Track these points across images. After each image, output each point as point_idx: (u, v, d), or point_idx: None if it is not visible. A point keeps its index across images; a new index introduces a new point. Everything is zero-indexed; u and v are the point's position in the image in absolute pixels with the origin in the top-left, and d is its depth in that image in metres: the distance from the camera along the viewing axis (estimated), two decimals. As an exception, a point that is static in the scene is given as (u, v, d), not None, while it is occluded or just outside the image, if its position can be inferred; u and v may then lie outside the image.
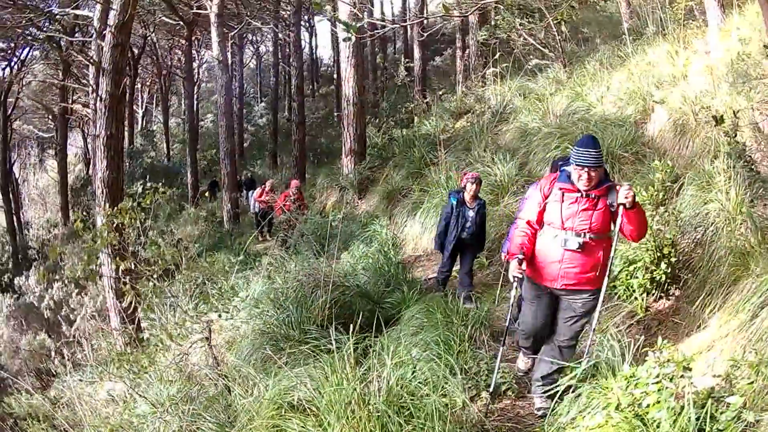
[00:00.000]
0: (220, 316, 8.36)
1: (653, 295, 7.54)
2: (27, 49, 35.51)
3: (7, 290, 24.86)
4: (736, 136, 7.99)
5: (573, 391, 5.50)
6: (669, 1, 14.13)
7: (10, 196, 36.59)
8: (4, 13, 27.93)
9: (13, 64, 35.36)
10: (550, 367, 6.37)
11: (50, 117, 44.46)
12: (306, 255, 11.67)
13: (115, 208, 8.42)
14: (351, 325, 6.26)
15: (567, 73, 16.13)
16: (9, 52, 34.83)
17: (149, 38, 43.28)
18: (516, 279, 6.10)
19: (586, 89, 14.11)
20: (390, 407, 5.33)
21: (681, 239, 7.90)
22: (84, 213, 18.63)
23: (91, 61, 20.21)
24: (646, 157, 10.41)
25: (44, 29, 30.95)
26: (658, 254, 7.42)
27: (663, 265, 7.36)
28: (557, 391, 5.64)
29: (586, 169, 5.80)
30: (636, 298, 7.47)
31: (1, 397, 14.27)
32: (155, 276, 8.13)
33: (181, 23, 35.94)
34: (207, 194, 33.63)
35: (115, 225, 8.32)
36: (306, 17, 47.56)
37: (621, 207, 5.89)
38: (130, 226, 8.22)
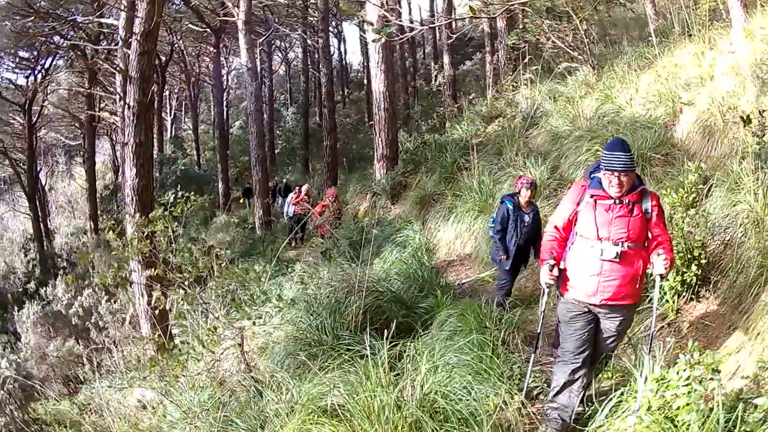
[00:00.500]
0: (254, 323, 8.40)
1: (683, 297, 7.53)
2: (51, 57, 35.76)
3: (33, 297, 25.14)
4: (764, 136, 8.00)
5: (606, 395, 5.51)
6: (694, 2, 14.14)
7: (37, 203, 36.80)
8: (26, 22, 28.16)
9: (36, 72, 35.61)
10: (580, 392, 6.00)
11: (77, 125, 44.68)
12: (339, 261, 11.74)
13: (146, 216, 8.54)
14: (385, 331, 6.38)
15: (596, 76, 16.11)
16: (32, 60, 35.13)
17: (176, 46, 43.52)
18: (547, 285, 5.87)
19: (615, 91, 14.09)
20: (424, 412, 5.39)
21: (710, 241, 7.87)
22: (113, 221, 18.77)
23: (118, 69, 20.36)
24: (676, 159, 10.36)
25: (68, 37, 31.31)
26: (689, 256, 7.40)
27: (693, 267, 7.35)
28: (590, 394, 5.76)
29: (616, 174, 5.49)
30: (667, 301, 7.45)
31: (27, 403, 14.47)
32: (187, 283, 8.23)
33: (209, 30, 36.22)
34: (242, 201, 33.74)
35: (146, 233, 8.43)
36: (334, 23, 47.48)
37: (658, 277, 5.60)
38: (162, 234, 8.31)
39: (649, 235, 5.76)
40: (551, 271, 5.84)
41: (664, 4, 17.80)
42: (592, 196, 5.75)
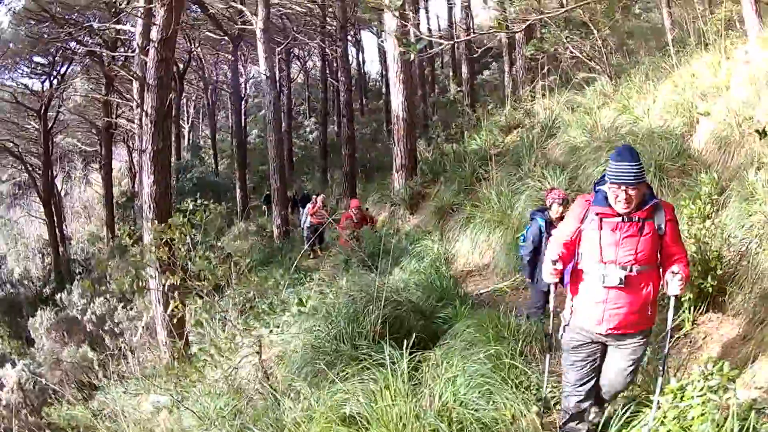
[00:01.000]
0: (271, 331, 8.45)
1: (699, 308, 7.55)
2: (67, 63, 36.00)
3: (47, 302, 25.24)
4: (779, 147, 8.07)
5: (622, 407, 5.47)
6: (709, 12, 14.19)
7: (52, 208, 37.07)
8: (41, 27, 28.42)
9: (52, 78, 35.78)
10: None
11: (94, 131, 44.90)
12: (357, 270, 11.75)
13: (164, 223, 8.61)
14: (404, 340, 6.39)
15: (613, 86, 16.19)
16: (48, 66, 35.29)
17: (194, 53, 43.70)
18: (551, 282, 5.46)
19: (632, 102, 14.16)
20: (442, 421, 5.43)
21: (726, 252, 7.88)
22: (130, 227, 18.91)
23: (135, 76, 20.38)
24: (693, 169, 10.40)
25: (85, 44, 31.55)
26: (705, 267, 7.39)
27: (709, 278, 7.34)
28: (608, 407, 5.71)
29: (623, 188, 4.91)
30: (683, 312, 7.46)
31: (41, 408, 14.51)
32: (205, 291, 8.30)
33: (226, 38, 36.34)
34: (264, 208, 33.70)
35: (164, 240, 8.47)
36: (352, 32, 47.56)
37: (672, 297, 5.18)
38: (180, 241, 8.36)
39: (663, 253, 5.23)
40: (555, 265, 5.33)
41: (680, 14, 17.82)
42: (597, 213, 5.18)
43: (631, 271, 5.06)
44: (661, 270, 5.24)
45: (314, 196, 22.61)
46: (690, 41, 14.61)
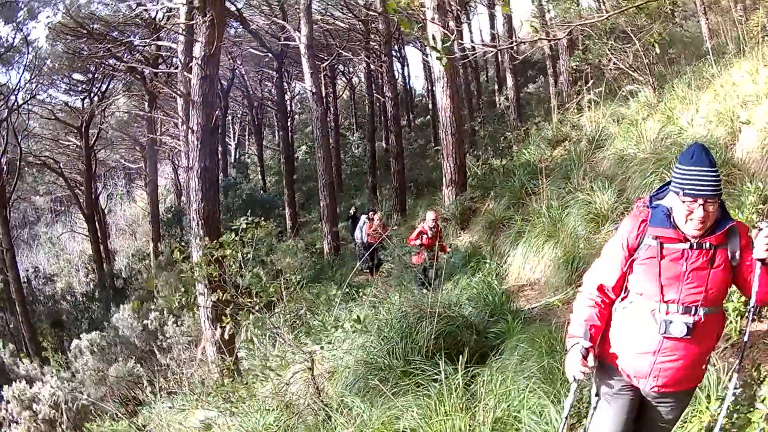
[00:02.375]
0: (322, 347, 8.62)
1: (746, 317, 7.65)
2: (108, 80, 36.38)
3: (93, 319, 25.67)
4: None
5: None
6: (745, 18, 14.21)
7: (96, 225, 37.44)
8: (79, 43, 28.94)
9: (93, 95, 36.16)
10: None
11: (137, 147, 45.33)
12: (409, 286, 11.86)
13: (216, 241, 8.73)
14: (457, 356, 6.50)
15: (656, 97, 16.23)
16: (88, 83, 35.71)
17: (237, 70, 44.12)
18: (578, 380, 4.13)
19: (676, 112, 14.12)
20: None
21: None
22: (177, 244, 19.00)
23: (179, 93, 20.58)
24: (737, 179, 10.32)
25: (125, 60, 31.73)
26: (750, 279, 7.45)
27: (754, 290, 7.38)
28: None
29: (699, 202, 3.72)
30: (731, 322, 7.40)
31: (82, 423, 14.69)
32: (256, 308, 8.40)
33: (270, 55, 36.63)
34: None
35: (215, 257, 8.58)
36: (396, 47, 47.68)
37: (758, 263, 3.77)
38: (231, 258, 8.49)
39: (734, 287, 4.14)
40: (585, 358, 3.99)
41: (717, 22, 17.87)
42: (656, 237, 3.90)
43: (696, 314, 3.85)
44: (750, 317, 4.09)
45: (370, 213, 22.27)
46: (728, 49, 14.68)
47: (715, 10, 18.68)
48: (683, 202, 3.75)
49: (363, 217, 22.50)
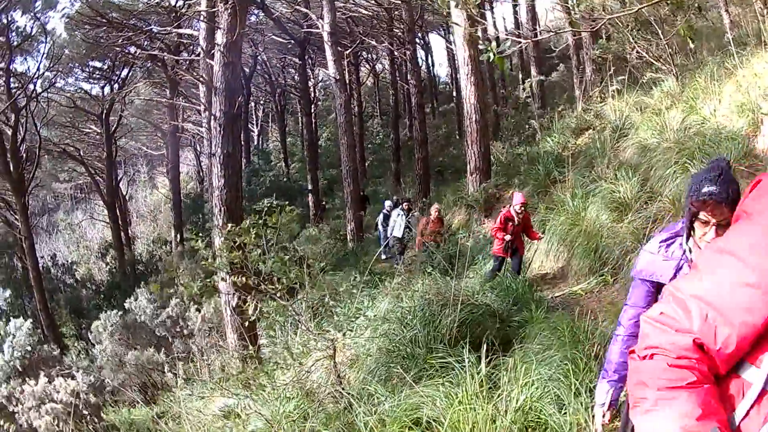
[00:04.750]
0: (344, 335, 8.46)
1: None
2: (128, 67, 36.65)
3: (111, 304, 25.77)
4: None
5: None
6: (766, 10, 14.24)
7: (117, 212, 37.73)
8: (98, 32, 29.09)
9: (113, 83, 36.49)
10: None
11: (159, 134, 45.57)
12: (433, 274, 11.94)
13: (238, 227, 8.63)
14: (481, 344, 6.47)
15: (679, 87, 16.21)
16: (107, 70, 35.99)
17: (260, 57, 44.31)
18: None
19: (699, 102, 14.13)
20: (517, 425, 5.50)
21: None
22: (199, 230, 18.85)
23: (201, 80, 20.58)
24: (758, 170, 10.19)
25: (145, 48, 31.97)
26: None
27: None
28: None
29: None
30: None
31: (100, 410, 14.84)
32: (278, 294, 8.31)
33: (293, 42, 36.69)
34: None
35: (237, 243, 8.48)
36: (420, 34, 47.54)
37: None
38: (253, 243, 8.38)
39: None
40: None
41: (737, 13, 17.86)
42: None
43: None
44: None
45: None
46: (749, 40, 14.69)
47: (736, 2, 18.65)
48: None
49: (396, 211, 20.56)
